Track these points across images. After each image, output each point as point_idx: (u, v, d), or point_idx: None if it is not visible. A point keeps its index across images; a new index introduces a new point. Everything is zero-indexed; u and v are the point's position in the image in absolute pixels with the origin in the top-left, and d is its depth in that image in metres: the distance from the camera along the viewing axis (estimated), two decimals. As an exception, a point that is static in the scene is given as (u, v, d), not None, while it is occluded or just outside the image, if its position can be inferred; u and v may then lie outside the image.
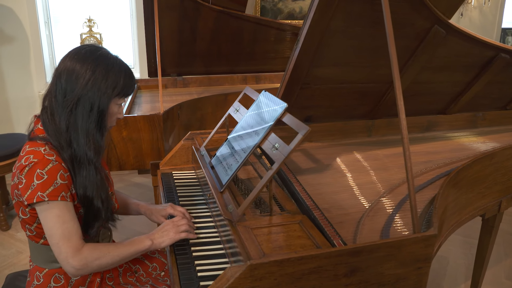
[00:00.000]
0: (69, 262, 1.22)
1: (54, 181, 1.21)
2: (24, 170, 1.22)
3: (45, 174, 1.20)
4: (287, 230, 1.22)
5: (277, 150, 1.28)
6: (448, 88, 2.15)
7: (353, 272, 1.10)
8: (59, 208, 1.22)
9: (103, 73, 1.26)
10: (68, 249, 1.22)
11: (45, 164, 1.21)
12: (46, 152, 1.23)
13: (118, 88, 1.29)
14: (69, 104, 1.25)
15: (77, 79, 1.25)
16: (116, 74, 1.29)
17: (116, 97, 1.31)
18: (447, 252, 2.76)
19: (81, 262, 1.22)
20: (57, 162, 1.23)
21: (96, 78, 1.25)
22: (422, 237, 1.14)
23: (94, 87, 1.25)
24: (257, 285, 1.02)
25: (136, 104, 2.96)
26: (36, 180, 1.20)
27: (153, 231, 1.40)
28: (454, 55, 1.92)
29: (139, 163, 2.35)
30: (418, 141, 2.21)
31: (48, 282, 1.35)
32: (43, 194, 1.19)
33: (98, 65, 1.26)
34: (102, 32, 4.04)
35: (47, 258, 1.35)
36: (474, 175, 1.75)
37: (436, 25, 1.71)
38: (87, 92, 1.25)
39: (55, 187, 1.21)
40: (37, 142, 1.26)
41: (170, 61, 3.35)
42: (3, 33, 3.59)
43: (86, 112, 1.26)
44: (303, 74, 1.85)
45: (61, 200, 1.22)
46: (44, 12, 3.89)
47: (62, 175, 1.23)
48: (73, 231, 1.24)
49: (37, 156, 1.22)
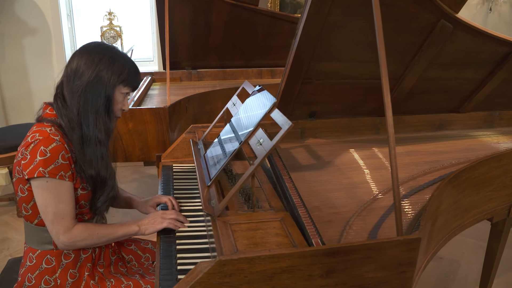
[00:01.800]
0: (59, 238, 1.33)
1: (56, 160, 1.28)
2: (29, 146, 1.30)
3: (48, 152, 1.28)
4: (267, 227, 1.19)
5: (261, 145, 1.26)
6: (460, 85, 2.06)
7: (329, 273, 1.06)
8: (56, 186, 1.29)
9: (109, 61, 1.36)
10: (60, 227, 1.32)
11: (49, 142, 1.29)
12: (51, 132, 1.31)
13: (123, 75, 1.37)
14: (79, 89, 1.34)
15: (86, 66, 1.34)
16: (122, 63, 1.38)
17: (120, 85, 1.38)
18: (460, 256, 2.66)
19: (70, 240, 1.33)
20: (61, 142, 1.31)
21: (103, 64, 1.34)
22: (405, 240, 1.09)
23: (101, 73, 1.34)
24: (227, 281, 1.01)
25: (149, 96, 2.99)
26: (39, 156, 1.27)
27: (142, 218, 1.46)
28: (464, 51, 1.83)
29: (144, 155, 2.38)
30: (428, 140, 2.13)
31: (40, 263, 1.39)
32: (44, 170, 1.26)
33: (105, 54, 1.36)
34: (122, 25, 4.10)
35: (40, 240, 1.40)
36: (479, 177, 1.66)
37: (442, 19, 1.64)
38: (95, 77, 1.33)
39: (56, 166, 1.28)
40: (44, 123, 1.34)
41: (185, 54, 3.37)
42: (27, 26, 3.70)
43: (94, 96, 1.34)
44: (304, 68, 1.81)
45: (59, 178, 1.29)
46: (67, 5, 3.98)
47: (63, 155, 1.30)
48: (67, 212, 1.32)
49: (42, 135, 1.30)
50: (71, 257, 1.40)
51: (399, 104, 2.13)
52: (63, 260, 1.40)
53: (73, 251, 1.40)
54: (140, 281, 1.43)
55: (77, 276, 1.40)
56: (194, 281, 0.99)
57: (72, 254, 1.41)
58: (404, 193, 1.58)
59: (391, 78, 1.99)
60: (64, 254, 1.40)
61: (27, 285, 1.38)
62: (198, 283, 1.00)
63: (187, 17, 3.05)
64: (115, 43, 4.07)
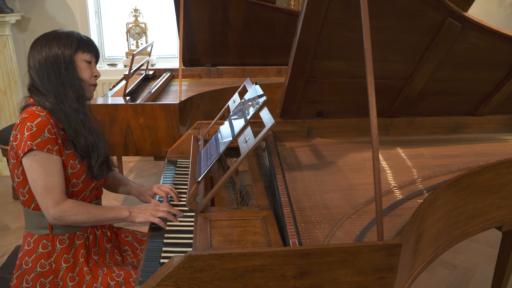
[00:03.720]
0: (49, 212, 1.36)
1: (42, 133, 1.33)
2: (17, 126, 1.36)
3: (34, 126, 1.33)
4: (246, 225, 1.19)
5: (246, 143, 1.25)
6: (474, 87, 1.97)
7: (302, 274, 1.05)
8: (44, 159, 1.34)
9: (55, 38, 1.43)
10: (49, 200, 1.35)
11: (34, 117, 1.34)
12: (37, 109, 1.37)
13: (74, 44, 1.43)
14: (42, 71, 1.41)
15: (39, 53, 1.41)
16: (67, 35, 1.45)
17: (77, 53, 1.44)
18: (475, 265, 2.55)
19: (59, 214, 1.35)
20: (46, 118, 1.36)
21: (50, 44, 1.41)
22: (384, 245, 1.06)
23: (52, 50, 1.40)
24: (198, 276, 1.01)
25: (165, 92, 3.04)
26: (26, 132, 1.33)
27: (136, 205, 1.48)
28: (477, 51, 1.75)
29: (155, 150, 2.42)
30: (441, 143, 2.05)
31: (37, 247, 1.44)
32: (32, 143, 1.31)
33: (49, 36, 1.44)
34: (147, 22, 4.19)
35: (37, 224, 1.45)
36: (485, 183, 1.59)
37: (449, 17, 1.57)
38: (50, 57, 1.40)
39: (43, 139, 1.33)
40: (29, 107, 1.40)
41: (204, 52, 3.40)
42: (56, 22, 3.84)
43: (58, 73, 1.41)
44: (307, 66, 1.79)
45: (46, 151, 1.33)
46: (95, 2, 4.10)
47: (49, 129, 1.35)
48: (56, 185, 1.36)
49: (28, 112, 1.37)
50: (66, 243, 1.44)
51: (410, 105, 2.06)
52: (58, 246, 1.44)
53: (67, 237, 1.44)
54: (132, 272, 1.46)
55: (71, 261, 1.45)
56: (165, 275, 1.01)
57: (66, 239, 1.45)
58: (401, 197, 1.53)
59: (399, 78, 1.94)
60: (59, 240, 1.44)
61: (24, 268, 1.44)
62: (169, 276, 1.01)
63: (206, 14, 3.08)
64: (139, 39, 4.17)
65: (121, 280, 1.41)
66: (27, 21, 3.79)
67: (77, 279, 1.42)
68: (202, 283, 1.02)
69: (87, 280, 1.42)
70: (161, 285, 1.01)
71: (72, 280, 1.42)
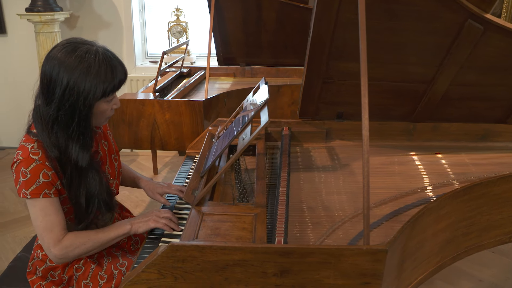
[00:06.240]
0: (51, 251, 1.30)
1: (37, 179, 1.25)
2: (13, 165, 1.29)
3: (28, 172, 1.26)
4: (237, 221, 1.21)
5: (243, 140, 1.27)
6: (503, 93, 1.87)
7: (283, 273, 1.06)
8: (41, 204, 1.28)
9: (80, 78, 1.23)
10: (50, 240, 1.29)
11: (28, 163, 1.26)
12: (32, 150, 1.27)
13: (109, 85, 1.27)
14: (51, 114, 1.27)
15: (70, 69, 1.23)
16: (112, 67, 1.27)
17: (100, 100, 1.29)
18: (503, 281, 2.40)
19: (62, 252, 1.30)
20: (41, 161, 1.26)
21: (88, 69, 1.23)
22: (368, 250, 1.04)
23: (83, 83, 1.23)
24: (180, 266, 1.05)
25: (197, 89, 3.12)
26: (21, 177, 1.26)
27: (137, 216, 1.46)
28: (502, 55, 1.66)
29: (179, 145, 2.50)
30: (466, 151, 1.96)
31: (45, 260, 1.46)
32: (26, 192, 1.26)
33: (75, 70, 1.23)
34: (188, 21, 4.31)
35: None
36: (502, 194, 1.51)
37: (469, 19, 1.50)
38: (73, 89, 1.23)
39: (37, 186, 1.26)
40: (30, 137, 1.31)
41: (239, 51, 3.45)
42: (101, 19, 4.05)
43: (66, 123, 1.27)
44: (322, 67, 1.78)
45: (43, 197, 1.27)
46: (139, 1, 4.27)
47: (45, 173, 1.27)
48: (55, 223, 1.30)
49: (23, 154, 1.27)
50: None
51: (434, 110, 1.99)
52: None
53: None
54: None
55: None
56: (150, 262, 1.05)
57: None
58: (408, 203, 1.49)
59: (421, 82, 1.88)
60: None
61: (36, 259, 1.49)
62: (153, 264, 1.05)
63: (239, 14, 3.12)
64: (180, 38, 4.29)
65: (124, 269, 1.46)
66: (76, 18, 4.03)
67: (83, 269, 1.45)
68: (185, 273, 1.06)
69: (93, 268, 1.43)
70: (146, 272, 1.06)
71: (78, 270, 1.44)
